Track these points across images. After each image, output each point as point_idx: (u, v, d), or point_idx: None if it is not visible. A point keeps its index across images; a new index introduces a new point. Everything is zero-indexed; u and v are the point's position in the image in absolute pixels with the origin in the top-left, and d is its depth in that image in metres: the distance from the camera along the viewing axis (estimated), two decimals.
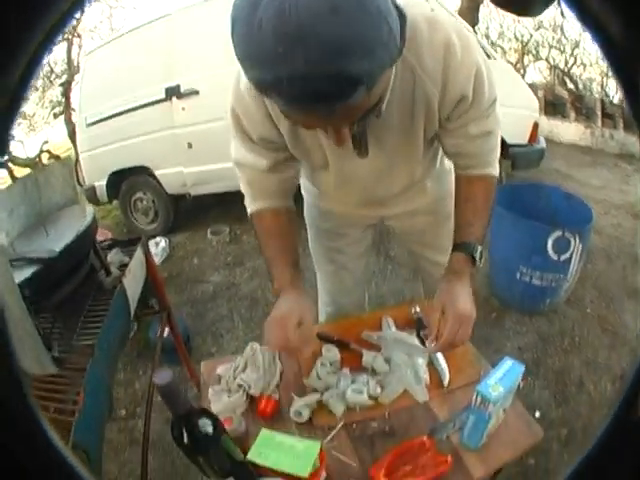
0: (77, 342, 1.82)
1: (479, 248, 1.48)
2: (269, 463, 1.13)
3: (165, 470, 2.69)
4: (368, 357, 1.60)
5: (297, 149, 1.44)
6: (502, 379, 1.21)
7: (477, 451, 1.30)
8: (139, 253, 2.47)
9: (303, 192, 1.98)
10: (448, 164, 1.82)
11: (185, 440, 0.98)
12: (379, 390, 1.48)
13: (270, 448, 1.17)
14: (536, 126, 5.19)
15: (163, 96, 5.08)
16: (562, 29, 11.71)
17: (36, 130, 13.18)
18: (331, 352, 1.61)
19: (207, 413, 1.03)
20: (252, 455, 1.16)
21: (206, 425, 0.99)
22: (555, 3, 0.70)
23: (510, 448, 1.34)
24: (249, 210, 1.63)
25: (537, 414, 2.75)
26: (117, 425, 3.04)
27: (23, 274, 1.66)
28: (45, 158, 9.53)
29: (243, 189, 1.63)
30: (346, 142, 1.10)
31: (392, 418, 1.44)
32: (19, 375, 0.33)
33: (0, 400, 0.32)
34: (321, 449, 1.19)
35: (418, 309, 1.83)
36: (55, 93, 11.99)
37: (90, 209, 2.26)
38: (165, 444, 2.72)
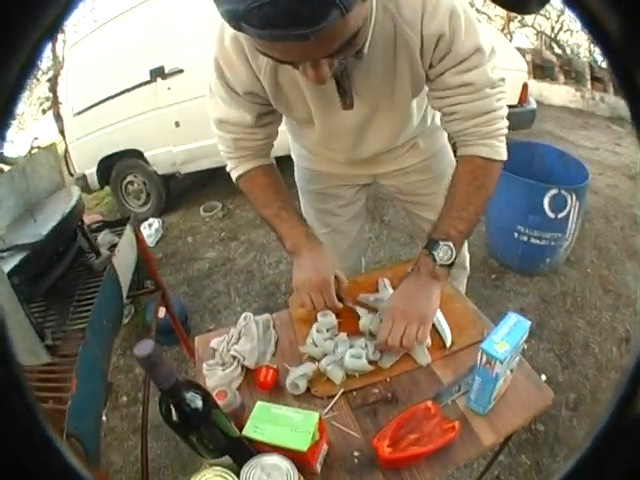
0: (70, 327, 1.80)
1: (440, 245, 1.41)
2: (266, 438, 1.08)
3: (169, 456, 2.70)
4: (365, 320, 1.54)
5: (280, 103, 1.41)
6: (508, 336, 1.15)
7: (486, 416, 1.25)
8: (128, 232, 2.45)
9: (293, 156, 1.98)
10: (439, 120, 1.78)
11: (174, 417, 0.93)
12: (378, 354, 1.43)
13: (266, 422, 1.12)
14: (525, 87, 5.17)
15: (148, 78, 5.09)
16: None
17: (25, 129, 13.29)
18: (327, 317, 1.55)
19: (195, 386, 0.97)
20: (247, 430, 1.11)
21: (194, 399, 0.93)
22: None
23: (521, 412, 1.28)
24: (236, 173, 1.61)
25: (543, 377, 2.71)
26: (119, 413, 3.06)
27: (12, 262, 1.65)
28: None
29: (225, 152, 1.60)
30: (326, 80, 1.05)
31: (394, 384, 1.39)
32: (18, 372, 0.30)
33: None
34: (320, 420, 1.13)
35: None
36: (42, 89, 12.10)
37: (76, 191, 2.25)
38: (168, 429, 2.69)
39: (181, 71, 4.91)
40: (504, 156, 1.44)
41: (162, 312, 2.89)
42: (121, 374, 3.36)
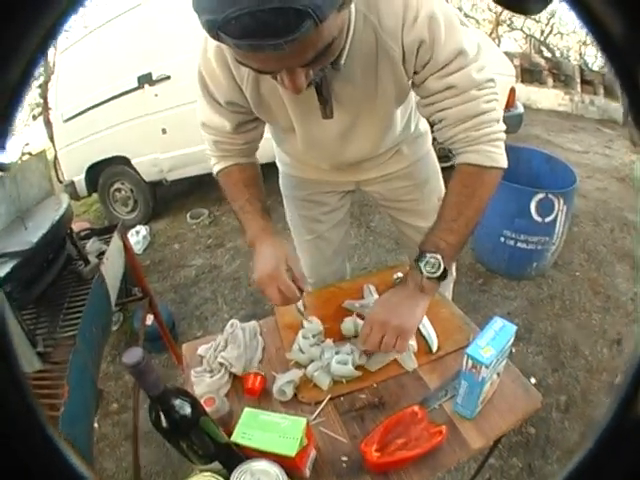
0: (60, 334, 1.81)
1: (427, 257, 1.37)
2: (254, 444, 1.09)
3: (161, 462, 2.69)
4: (347, 324, 1.56)
5: (262, 112, 1.43)
6: (493, 340, 1.16)
7: (473, 420, 1.26)
8: (116, 239, 2.46)
9: (277, 163, 1.99)
10: (423, 127, 1.80)
11: (163, 423, 0.93)
12: (365, 358, 1.44)
13: (254, 428, 1.13)
14: (513, 91, 5.15)
15: (136, 84, 5.07)
16: None
17: (16, 134, 13.20)
18: (313, 323, 1.57)
19: (184, 393, 0.97)
20: (236, 436, 1.11)
21: (183, 406, 0.94)
22: None
23: (508, 415, 1.29)
24: (216, 169, 1.63)
25: (532, 381, 2.72)
26: (110, 419, 3.04)
27: (3, 270, 1.65)
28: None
29: (209, 150, 1.62)
30: (302, 90, 1.05)
31: (381, 389, 1.39)
32: (18, 372, 0.31)
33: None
34: (308, 426, 1.14)
35: (400, 274, 1.80)
36: (33, 95, 12.04)
37: (65, 198, 2.26)
38: (159, 435, 2.69)
39: (168, 78, 4.90)
40: (499, 162, 1.38)
41: (150, 319, 2.89)
42: (111, 381, 3.34)
